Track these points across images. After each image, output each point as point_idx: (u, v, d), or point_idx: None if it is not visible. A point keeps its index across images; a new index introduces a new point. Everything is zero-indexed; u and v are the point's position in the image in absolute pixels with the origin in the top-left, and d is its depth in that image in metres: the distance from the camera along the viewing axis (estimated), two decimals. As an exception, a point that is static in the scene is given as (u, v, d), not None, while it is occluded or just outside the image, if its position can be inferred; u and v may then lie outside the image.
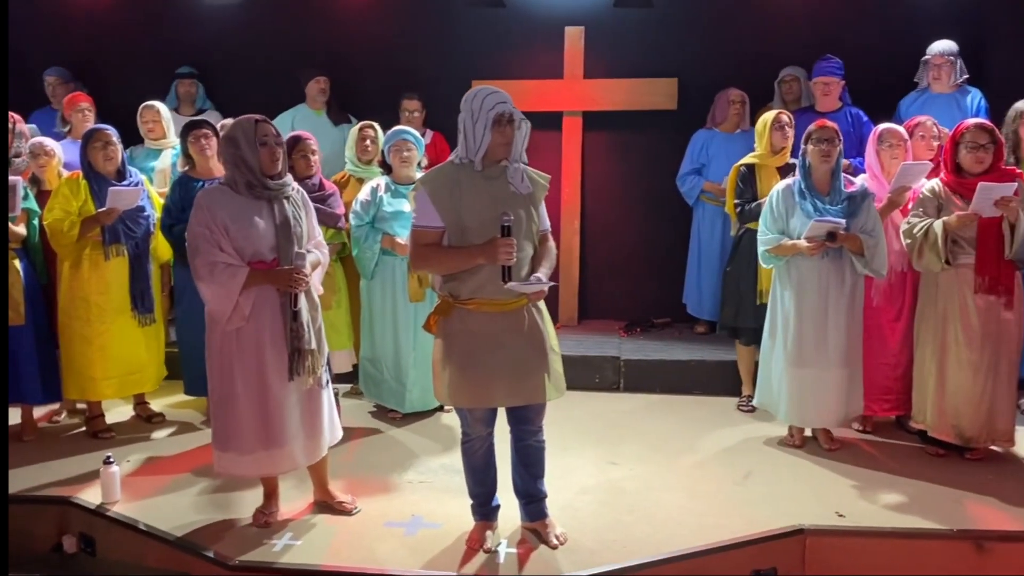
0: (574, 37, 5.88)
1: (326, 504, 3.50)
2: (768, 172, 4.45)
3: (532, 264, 3.07)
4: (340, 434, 3.52)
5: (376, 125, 4.90)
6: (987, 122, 3.88)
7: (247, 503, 3.52)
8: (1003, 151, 3.79)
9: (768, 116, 4.50)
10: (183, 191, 4.28)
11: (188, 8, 6.06)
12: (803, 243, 3.85)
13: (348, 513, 3.46)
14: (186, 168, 4.39)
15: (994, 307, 3.78)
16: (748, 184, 4.49)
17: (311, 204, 3.42)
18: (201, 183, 4.30)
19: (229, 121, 4.95)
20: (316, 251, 3.38)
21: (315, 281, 3.38)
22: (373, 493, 3.65)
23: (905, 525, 3.35)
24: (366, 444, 4.23)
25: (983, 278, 3.76)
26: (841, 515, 3.41)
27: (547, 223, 3.17)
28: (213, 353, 3.23)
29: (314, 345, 3.24)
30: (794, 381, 4.01)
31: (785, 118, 4.48)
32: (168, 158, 5.07)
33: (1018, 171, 3.85)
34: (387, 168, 4.54)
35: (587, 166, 6.05)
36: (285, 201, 3.24)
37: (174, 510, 3.49)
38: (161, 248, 4.48)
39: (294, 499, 3.56)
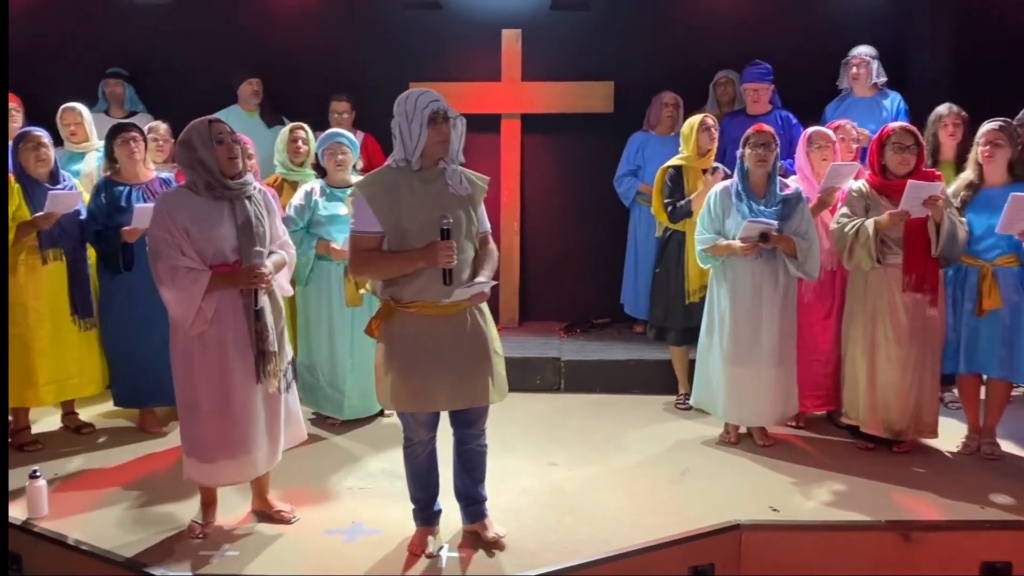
0: (511, 40, 5.89)
1: (265, 514, 3.45)
2: (695, 173, 4.54)
3: (473, 266, 3.06)
4: (304, 435, 3.51)
5: (307, 127, 4.84)
6: (911, 125, 4.01)
7: (182, 515, 3.45)
8: (924, 153, 3.93)
9: (694, 119, 4.59)
10: (108, 196, 4.17)
11: (119, 8, 5.90)
12: (737, 243, 3.94)
13: (287, 522, 3.41)
14: (109, 172, 4.26)
15: (920, 304, 3.91)
16: (675, 185, 4.57)
17: (274, 204, 3.39)
18: (127, 188, 4.19)
19: (158, 123, 4.87)
20: (281, 251, 3.35)
21: (282, 282, 3.36)
22: (312, 501, 3.61)
23: (837, 518, 3.45)
24: (305, 452, 4.14)
25: (910, 276, 3.88)
26: (775, 510, 3.50)
27: (487, 224, 3.17)
28: (177, 358, 3.19)
29: (276, 347, 3.21)
30: (731, 380, 4.09)
31: (710, 121, 4.57)
32: (93, 161, 4.91)
33: (938, 173, 3.99)
34: (320, 171, 4.48)
35: (526, 168, 6.07)
36: (247, 201, 3.19)
37: (105, 524, 3.40)
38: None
39: (231, 509, 3.49)
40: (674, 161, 4.66)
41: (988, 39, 5.65)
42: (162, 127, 4.81)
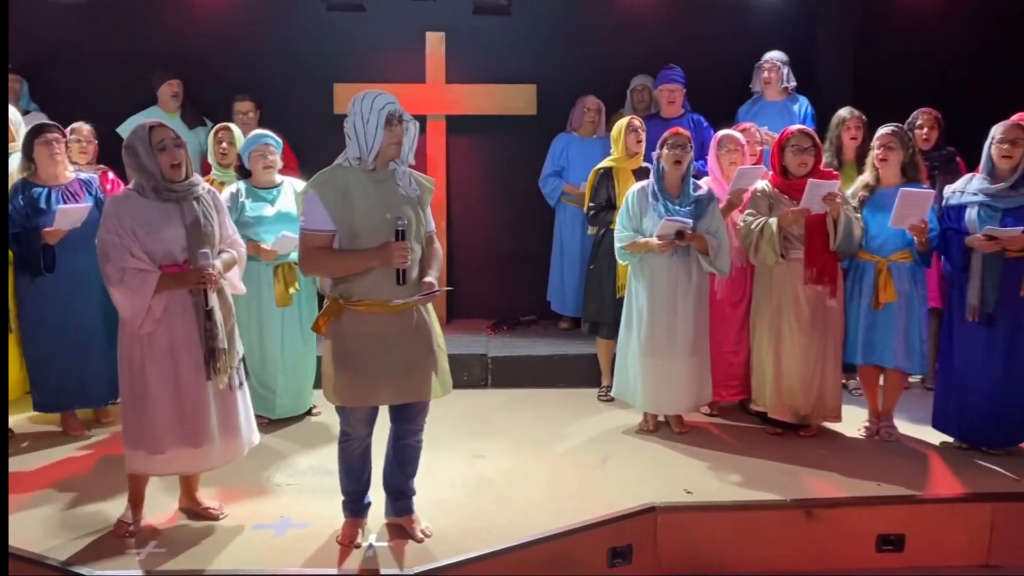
0: (435, 42, 5.98)
1: (193, 511, 3.48)
2: (624, 174, 4.70)
3: (421, 266, 3.15)
4: (257, 438, 3.56)
5: (232, 127, 4.85)
6: (808, 128, 4.26)
7: (108, 515, 3.45)
8: (821, 154, 4.17)
9: (622, 122, 4.77)
10: (26, 197, 4.11)
11: (22, 6, 5.76)
12: (654, 241, 4.11)
13: (215, 519, 3.45)
14: (26, 173, 4.19)
15: (821, 296, 4.15)
16: (604, 186, 4.73)
17: (223, 203, 3.43)
18: (46, 189, 4.14)
19: (81, 124, 4.78)
20: (231, 250, 3.39)
21: (234, 280, 3.41)
22: (241, 498, 3.65)
23: (746, 498, 3.66)
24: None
25: (811, 270, 4.12)
26: (689, 492, 3.69)
27: (433, 224, 3.27)
28: (124, 356, 3.21)
29: (226, 344, 3.26)
30: (648, 371, 4.27)
31: (637, 123, 4.75)
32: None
33: (835, 172, 4.25)
34: (244, 172, 4.50)
35: (452, 168, 6.18)
36: (195, 202, 3.23)
37: (32, 527, 3.37)
38: None
39: (159, 508, 3.51)
40: (605, 163, 4.83)
41: (886, 47, 6.01)
42: (85, 128, 4.73)
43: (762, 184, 4.25)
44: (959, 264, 4.00)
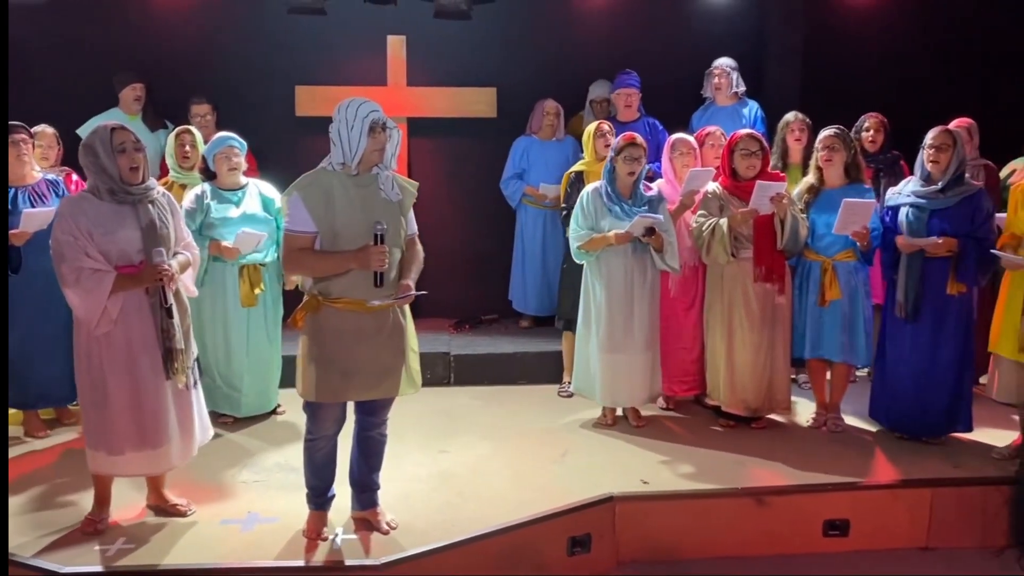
0: (396, 46, 6.05)
1: (160, 508, 3.53)
2: (595, 177, 4.77)
3: (401, 267, 3.24)
4: (211, 433, 3.62)
5: (194, 130, 4.88)
6: (756, 132, 4.43)
7: (76, 512, 3.49)
8: (769, 157, 4.34)
9: (592, 127, 4.92)
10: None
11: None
12: (611, 235, 4.23)
13: (183, 515, 3.50)
14: None
15: (770, 294, 4.33)
16: (576, 189, 4.84)
17: (178, 206, 3.47)
18: (12, 191, 4.15)
19: (44, 127, 4.77)
20: (185, 252, 3.43)
21: (187, 282, 3.45)
22: (208, 495, 3.71)
23: (700, 487, 3.80)
24: (200, 449, 4.20)
25: (760, 268, 4.29)
26: (645, 482, 3.83)
27: (415, 227, 3.35)
28: (81, 357, 3.24)
29: (183, 345, 3.31)
30: (608, 365, 4.40)
31: (606, 127, 4.88)
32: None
33: (782, 174, 4.43)
34: (209, 174, 4.54)
35: (413, 170, 6.23)
36: (150, 205, 3.27)
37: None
38: None
39: (126, 504, 3.55)
40: (577, 167, 4.99)
41: (832, 53, 6.23)
42: (48, 131, 4.73)
43: (713, 186, 4.41)
44: (891, 261, 4.20)
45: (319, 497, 3.39)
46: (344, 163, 3.09)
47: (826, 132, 4.33)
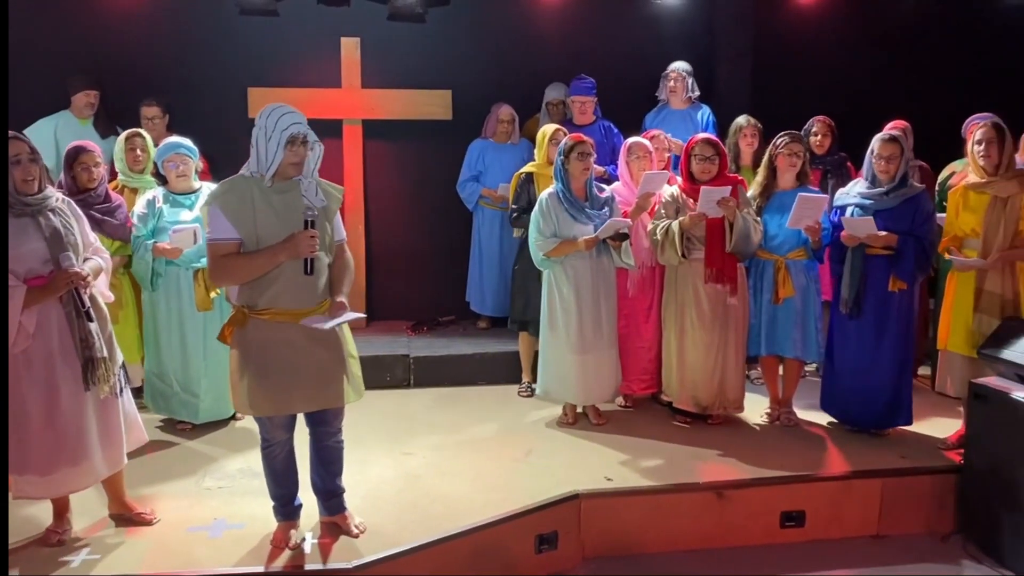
0: (350, 48, 6.04)
1: (124, 516, 3.48)
2: (545, 180, 4.87)
3: (332, 279, 3.19)
4: (146, 437, 3.54)
5: (144, 133, 4.81)
6: (713, 137, 4.55)
7: (35, 524, 3.42)
8: (726, 161, 4.46)
9: (547, 130, 4.98)
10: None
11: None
12: (581, 242, 4.31)
13: (148, 523, 3.46)
14: None
15: (721, 295, 4.42)
16: (526, 190, 4.92)
17: (80, 212, 3.37)
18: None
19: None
20: (96, 257, 3.34)
21: (101, 287, 3.36)
22: (172, 503, 3.67)
23: (662, 482, 3.90)
24: (160, 457, 4.19)
25: (711, 269, 4.38)
26: (609, 479, 3.91)
27: (342, 233, 3.30)
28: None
29: (105, 352, 3.23)
30: (579, 366, 4.46)
31: (561, 135, 4.93)
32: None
33: (740, 178, 4.55)
34: (161, 178, 4.47)
35: (369, 172, 6.25)
36: (51, 213, 3.18)
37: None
38: None
39: (90, 515, 3.50)
40: (527, 168, 5.03)
41: (780, 59, 6.41)
42: None
43: (671, 189, 4.52)
44: (837, 259, 4.35)
45: (285, 507, 3.36)
46: (260, 172, 3.02)
47: (790, 139, 4.44)
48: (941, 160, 5.26)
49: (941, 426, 4.50)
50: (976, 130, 4.12)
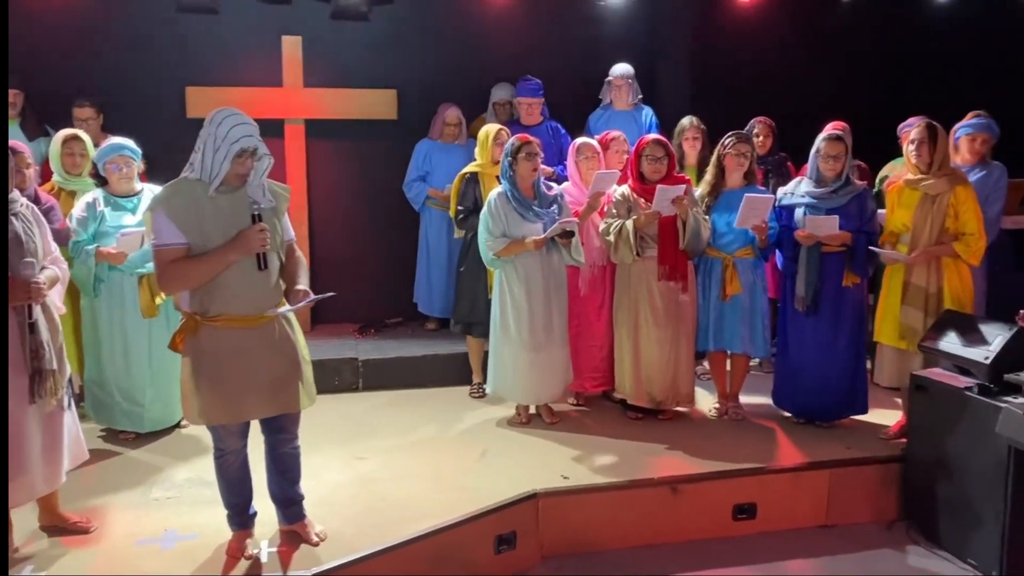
0: (291, 46, 5.93)
1: (59, 528, 3.36)
2: (489, 179, 4.87)
3: (287, 276, 3.14)
4: (87, 454, 3.42)
5: (83, 136, 4.64)
6: (663, 138, 4.61)
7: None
8: (675, 162, 4.53)
9: (491, 131, 4.97)
10: None
11: None
12: (530, 242, 4.32)
13: (86, 531, 3.36)
14: None
15: (673, 292, 4.50)
16: (471, 190, 4.91)
17: (43, 219, 3.27)
18: None
19: None
20: (53, 267, 3.23)
21: (55, 299, 3.24)
22: (119, 515, 3.56)
23: (617, 479, 3.93)
24: (103, 468, 4.05)
25: (664, 267, 4.46)
26: (565, 477, 3.93)
27: (292, 233, 3.24)
28: None
29: (55, 365, 3.11)
30: (531, 365, 4.46)
31: (504, 135, 4.94)
32: None
33: (687, 177, 4.62)
34: (101, 180, 4.33)
35: (312, 173, 6.15)
36: (13, 218, 3.07)
37: None
38: None
39: (18, 528, 3.32)
40: (470, 168, 5.00)
41: (718, 60, 6.54)
42: None
43: (622, 189, 4.56)
44: (790, 258, 4.45)
45: (240, 516, 3.29)
46: (205, 180, 2.94)
47: (738, 139, 4.53)
48: (876, 159, 5.43)
49: (883, 417, 4.64)
50: (911, 130, 4.28)
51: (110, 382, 4.31)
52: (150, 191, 4.40)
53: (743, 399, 4.83)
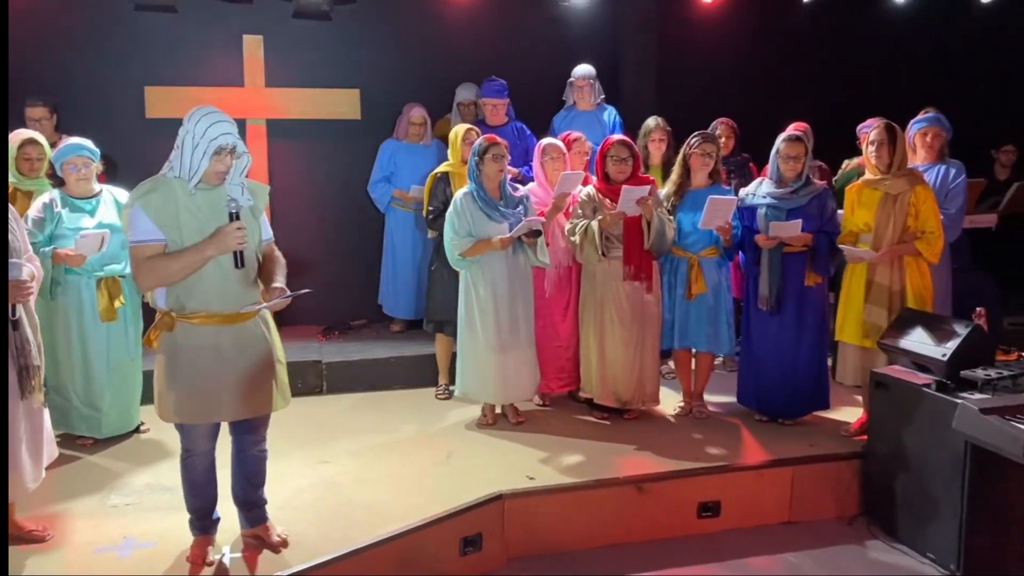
0: (252, 45, 5.87)
1: (14, 535, 3.27)
2: (460, 179, 4.83)
3: (265, 274, 3.11)
4: (57, 452, 3.40)
5: (40, 139, 4.53)
6: (628, 139, 4.63)
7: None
8: (639, 162, 4.55)
9: (460, 130, 4.96)
10: None
11: None
12: (496, 241, 4.31)
13: (42, 540, 3.30)
14: None
15: (638, 291, 4.52)
16: (442, 190, 4.88)
17: (19, 217, 3.23)
18: None
19: None
20: (30, 264, 3.19)
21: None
22: (76, 522, 3.49)
23: (583, 479, 3.93)
24: (60, 474, 3.94)
25: (629, 267, 4.48)
26: (531, 478, 3.92)
27: (270, 232, 3.22)
28: None
29: (40, 361, 3.10)
30: (498, 365, 4.45)
31: (474, 135, 4.92)
32: None
33: (651, 178, 4.65)
34: (58, 181, 4.24)
35: (274, 173, 6.06)
36: None
37: None
38: None
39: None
40: (442, 168, 4.99)
41: (681, 61, 6.59)
42: None
43: (588, 189, 4.57)
44: (752, 258, 4.50)
45: (203, 520, 3.24)
46: (184, 178, 2.93)
47: (703, 139, 4.56)
48: (836, 159, 5.50)
49: (844, 414, 4.71)
50: (871, 131, 4.34)
51: (67, 387, 4.23)
52: (109, 192, 4.33)
53: (707, 398, 4.86)
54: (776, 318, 4.43)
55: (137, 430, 4.51)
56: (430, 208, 4.93)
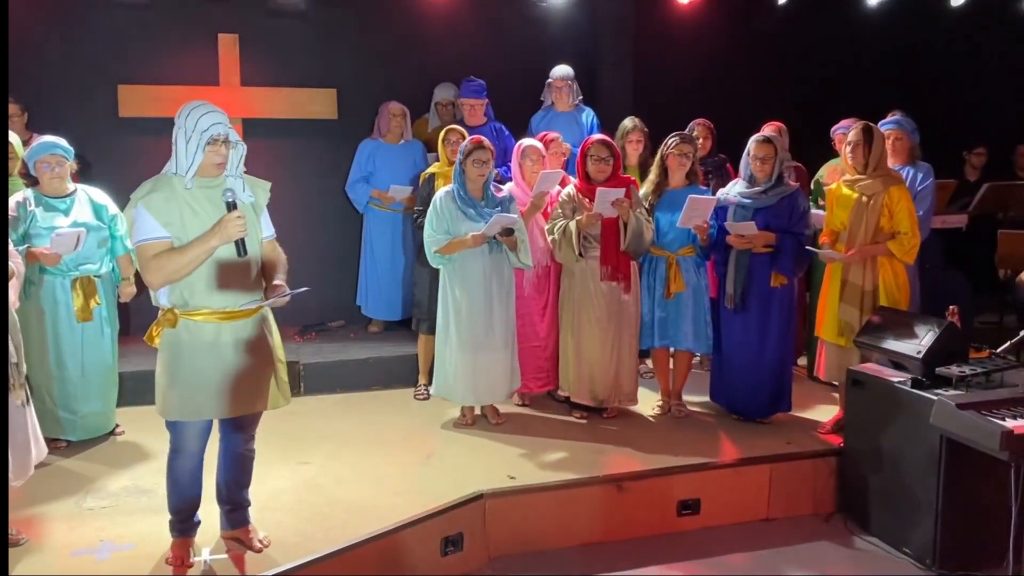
0: (228, 44, 5.81)
1: None
2: (445, 180, 4.80)
3: (266, 272, 3.11)
4: (45, 450, 3.37)
5: (13, 139, 4.46)
6: (608, 139, 4.64)
7: None
8: (620, 162, 4.57)
9: (440, 134, 4.95)
10: None
11: None
12: (468, 238, 4.30)
13: (17, 543, 3.25)
14: None
15: (616, 291, 4.54)
16: (426, 190, 4.90)
17: None
18: None
19: None
20: (11, 261, 3.16)
21: (11, 294, 3.17)
22: (52, 526, 3.44)
23: (563, 478, 3.94)
24: (35, 477, 3.81)
25: (606, 267, 4.49)
26: (512, 477, 3.92)
27: (271, 229, 3.21)
28: None
29: (17, 359, 3.07)
30: (470, 365, 4.45)
31: (454, 135, 4.93)
32: None
33: (632, 179, 4.67)
34: (31, 180, 4.19)
35: (250, 173, 5.98)
36: None
37: None
38: None
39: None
40: (432, 169, 5.00)
41: (659, 62, 6.63)
42: None
43: (568, 189, 4.59)
44: (721, 258, 4.55)
45: (183, 522, 3.21)
46: (181, 174, 2.93)
47: (680, 139, 4.59)
48: (814, 159, 5.56)
49: (820, 412, 4.76)
50: (849, 132, 4.39)
51: (41, 389, 4.16)
52: (84, 192, 4.28)
53: (686, 397, 4.89)
54: (741, 317, 4.48)
55: (112, 432, 4.46)
56: (417, 208, 4.94)
